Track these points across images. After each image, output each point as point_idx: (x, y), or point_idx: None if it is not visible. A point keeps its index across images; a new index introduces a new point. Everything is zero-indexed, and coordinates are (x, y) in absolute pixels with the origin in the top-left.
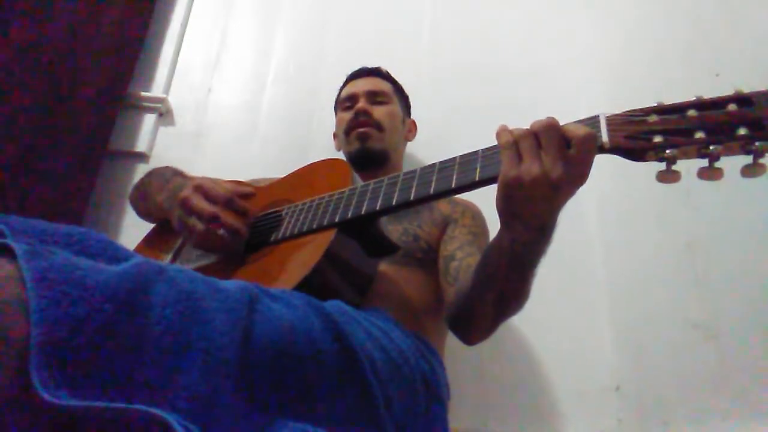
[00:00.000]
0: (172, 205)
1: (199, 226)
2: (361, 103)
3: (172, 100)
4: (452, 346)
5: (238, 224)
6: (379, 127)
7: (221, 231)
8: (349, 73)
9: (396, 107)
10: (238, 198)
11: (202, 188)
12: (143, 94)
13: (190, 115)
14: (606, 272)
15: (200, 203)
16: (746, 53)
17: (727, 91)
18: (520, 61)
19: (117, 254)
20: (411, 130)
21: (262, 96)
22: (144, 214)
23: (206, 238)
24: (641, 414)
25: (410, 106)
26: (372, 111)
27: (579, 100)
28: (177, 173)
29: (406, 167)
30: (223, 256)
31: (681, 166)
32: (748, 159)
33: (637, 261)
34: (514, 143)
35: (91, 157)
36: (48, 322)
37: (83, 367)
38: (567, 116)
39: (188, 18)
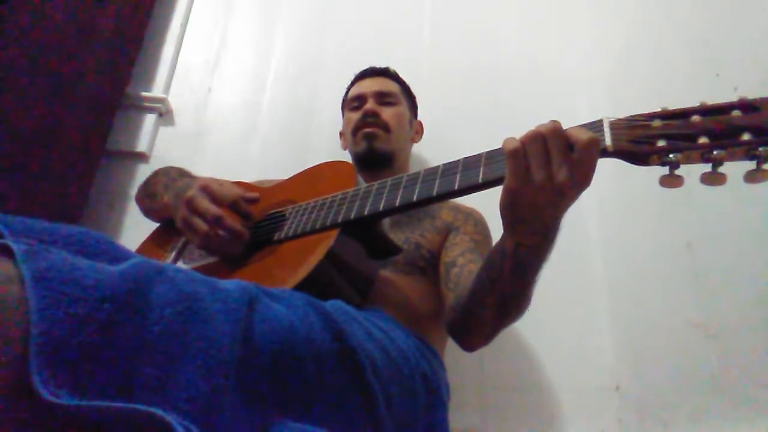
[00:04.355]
0: (178, 204)
1: (203, 226)
2: (370, 104)
3: (172, 100)
4: (453, 346)
5: (240, 228)
6: (386, 128)
7: (222, 232)
8: (356, 72)
9: (404, 108)
10: (243, 202)
11: (208, 189)
12: (143, 94)
13: (190, 115)
14: (606, 272)
15: (205, 204)
16: (746, 53)
17: (727, 90)
18: (520, 61)
19: (117, 254)
20: (418, 131)
21: (262, 96)
22: (149, 212)
23: (208, 239)
24: (641, 414)
25: (417, 107)
26: (380, 112)
27: (579, 100)
28: (183, 173)
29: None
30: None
31: (682, 167)
32: (752, 165)
33: (637, 261)
34: (519, 149)
35: (90, 157)
36: (47, 321)
37: (83, 367)
38: (567, 116)
39: (188, 18)
